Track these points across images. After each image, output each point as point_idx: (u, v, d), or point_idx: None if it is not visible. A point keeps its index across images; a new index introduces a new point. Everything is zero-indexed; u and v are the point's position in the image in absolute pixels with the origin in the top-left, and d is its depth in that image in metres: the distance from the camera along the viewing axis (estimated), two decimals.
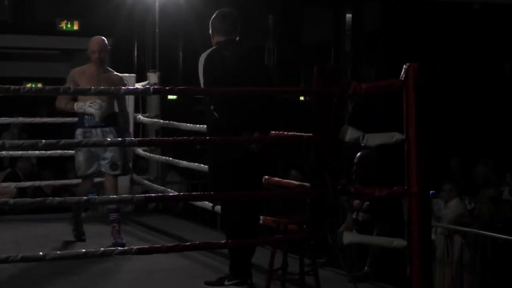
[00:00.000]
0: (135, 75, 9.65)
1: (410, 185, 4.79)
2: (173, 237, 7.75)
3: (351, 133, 5.07)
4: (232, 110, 5.45)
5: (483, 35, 18.49)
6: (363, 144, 5.12)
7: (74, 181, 9.46)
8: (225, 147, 5.53)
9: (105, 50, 7.04)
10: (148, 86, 8.56)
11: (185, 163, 8.27)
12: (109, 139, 6.56)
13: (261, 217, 6.10)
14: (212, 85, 5.43)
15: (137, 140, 6.49)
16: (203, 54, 5.63)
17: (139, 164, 10.45)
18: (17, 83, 9.25)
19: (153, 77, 9.56)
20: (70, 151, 8.38)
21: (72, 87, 5.01)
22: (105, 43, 7.06)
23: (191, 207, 9.50)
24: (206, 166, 6.30)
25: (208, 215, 8.84)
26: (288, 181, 6.82)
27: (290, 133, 6.07)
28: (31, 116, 8.88)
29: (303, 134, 5.66)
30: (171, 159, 8.86)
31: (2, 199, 5.15)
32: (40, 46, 15.60)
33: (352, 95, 5.11)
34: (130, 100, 9.08)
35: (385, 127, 5.23)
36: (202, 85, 5.54)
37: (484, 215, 9.17)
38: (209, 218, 9.05)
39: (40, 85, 13.58)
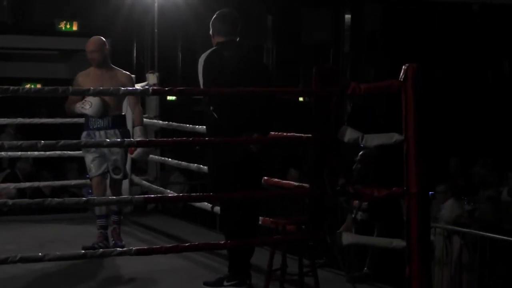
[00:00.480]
0: (134, 75, 9.62)
1: (409, 185, 4.79)
2: (172, 238, 7.74)
3: (350, 134, 5.07)
4: (231, 111, 5.45)
5: (482, 35, 18.50)
6: (362, 145, 5.12)
7: (73, 181, 9.48)
8: (224, 147, 5.53)
9: (101, 49, 6.99)
10: (147, 87, 8.57)
11: (184, 164, 8.27)
12: (108, 140, 6.55)
13: (260, 217, 6.10)
14: (211, 86, 5.43)
15: (136, 141, 6.48)
16: (202, 54, 5.63)
17: (138, 165, 10.45)
18: (16, 83, 9.24)
19: (152, 77, 9.56)
20: (69, 152, 8.38)
21: (71, 88, 5.00)
22: (100, 43, 7.01)
23: (190, 208, 9.50)
24: (206, 167, 6.30)
25: (207, 216, 8.83)
26: (287, 181, 6.81)
27: (289, 134, 6.07)
28: (28, 116, 8.86)
29: (302, 135, 5.66)
30: (170, 159, 8.86)
31: (1, 200, 5.15)
32: (39, 47, 15.60)
33: (351, 95, 5.11)
34: None
35: (384, 128, 5.23)
36: (201, 85, 5.53)
37: (485, 215, 9.17)
38: (208, 219, 9.05)
39: (39, 86, 13.60)
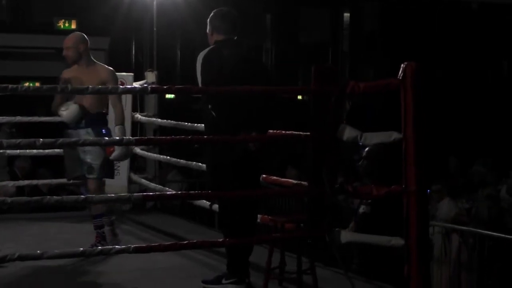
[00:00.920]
0: (133, 74, 9.64)
1: (408, 183, 4.79)
2: (170, 235, 7.75)
3: (349, 132, 5.07)
4: (230, 109, 5.44)
5: (481, 34, 18.51)
6: (360, 143, 5.12)
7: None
8: (223, 146, 5.53)
9: (75, 46, 6.89)
10: (146, 85, 8.57)
11: (183, 162, 8.27)
12: (106, 139, 6.54)
13: (259, 215, 6.10)
14: (210, 84, 5.43)
15: (135, 139, 6.48)
16: (201, 52, 5.62)
17: (136, 163, 10.45)
18: (15, 82, 9.23)
19: (151, 76, 9.56)
20: None
21: (69, 87, 5.00)
22: (74, 40, 6.91)
23: (188, 206, 9.50)
24: (204, 165, 6.30)
25: (206, 214, 8.84)
26: (286, 179, 6.81)
27: (287, 132, 6.07)
28: (27, 115, 8.85)
29: (301, 133, 5.66)
30: (169, 158, 8.86)
31: (0, 198, 5.15)
32: (38, 45, 15.58)
33: (350, 94, 5.11)
34: (128, 99, 9.08)
35: (383, 126, 5.23)
36: (200, 84, 5.53)
37: (482, 214, 9.17)
38: (206, 217, 9.05)
39: (38, 84, 13.59)
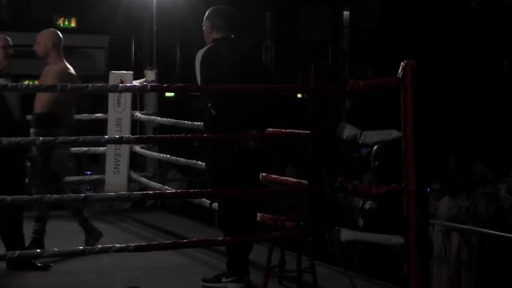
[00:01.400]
0: (132, 72, 9.64)
1: (408, 182, 4.79)
2: (170, 234, 7.75)
3: (348, 130, 5.07)
4: (229, 108, 5.44)
5: (481, 33, 18.51)
6: (360, 141, 5.12)
7: (72, 178, 9.47)
8: (223, 144, 5.53)
9: (43, 42, 6.80)
10: (145, 83, 8.57)
11: (183, 160, 8.27)
12: (106, 137, 6.54)
13: (258, 214, 6.10)
14: (209, 83, 5.42)
15: (135, 138, 6.47)
16: (200, 51, 5.61)
17: (136, 161, 10.45)
18: (14, 80, 9.22)
19: (150, 74, 9.56)
20: None
21: (69, 85, 5.00)
22: (44, 36, 6.80)
23: (188, 204, 9.50)
24: (204, 164, 6.30)
25: (206, 212, 8.85)
26: (286, 178, 6.81)
27: (287, 130, 6.07)
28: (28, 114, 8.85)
29: (301, 131, 5.66)
30: (168, 156, 8.86)
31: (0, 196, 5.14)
32: None
33: (350, 92, 5.11)
34: (127, 98, 9.08)
35: (383, 125, 5.23)
36: (199, 82, 5.52)
37: (480, 212, 9.16)
38: (206, 215, 9.05)
39: (37, 82, 13.58)
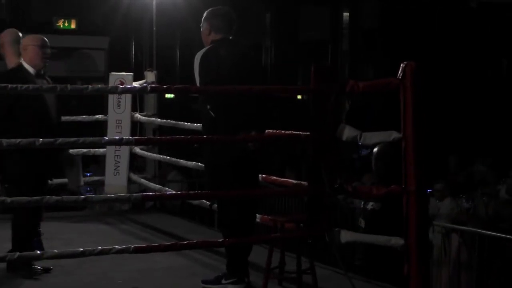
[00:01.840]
0: (132, 73, 9.64)
1: (408, 183, 4.79)
2: (170, 235, 7.74)
3: (348, 132, 5.07)
4: (229, 110, 5.44)
5: (481, 33, 18.51)
6: (360, 143, 5.12)
7: None
8: (222, 146, 5.52)
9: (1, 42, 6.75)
10: (145, 85, 8.57)
11: (183, 162, 8.27)
12: (106, 138, 6.53)
13: (258, 215, 6.10)
14: (208, 84, 5.42)
15: (134, 139, 6.48)
16: (198, 52, 5.61)
17: (136, 163, 10.45)
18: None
19: (150, 75, 9.56)
20: None
21: (69, 86, 5.00)
22: (2, 35, 6.75)
23: (188, 206, 9.50)
24: (203, 165, 6.30)
25: (206, 214, 8.84)
26: (286, 179, 6.81)
27: (287, 132, 6.07)
28: None
29: (301, 133, 5.65)
30: (168, 157, 8.86)
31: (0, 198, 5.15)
32: None
33: (350, 93, 5.11)
34: (127, 99, 9.08)
35: (383, 126, 5.23)
36: (198, 84, 5.52)
37: (481, 213, 9.17)
38: (206, 216, 9.05)
39: None
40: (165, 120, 8.81)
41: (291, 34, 18.82)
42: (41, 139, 4.67)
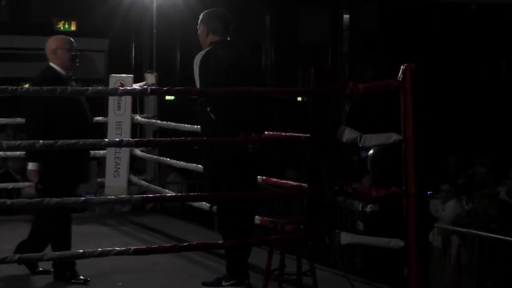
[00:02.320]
0: (132, 75, 9.64)
1: (408, 185, 4.79)
2: (170, 237, 7.74)
3: (348, 133, 5.07)
4: (228, 112, 5.44)
5: (480, 35, 18.52)
6: (360, 145, 5.12)
7: None
8: (222, 147, 5.53)
9: None
10: (145, 87, 8.56)
11: (183, 163, 8.27)
12: (106, 140, 6.54)
13: (258, 217, 6.10)
14: (208, 86, 5.42)
15: (134, 141, 6.48)
16: (197, 55, 5.61)
17: (136, 164, 10.45)
18: (14, 83, 9.25)
19: (150, 77, 9.56)
20: None
21: (69, 88, 5.00)
22: None
23: (188, 208, 9.50)
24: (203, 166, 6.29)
25: (206, 216, 8.84)
26: (285, 181, 6.81)
27: (287, 134, 6.07)
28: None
29: (301, 135, 5.66)
30: (168, 159, 8.86)
31: (0, 200, 5.15)
32: (37, 47, 15.56)
33: (350, 95, 5.11)
34: (127, 101, 9.08)
35: (381, 128, 5.24)
36: (197, 86, 5.52)
37: (481, 215, 9.16)
38: (206, 218, 9.05)
39: None
40: (165, 122, 8.81)
41: (291, 36, 18.83)
42: (40, 141, 4.67)
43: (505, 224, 8.69)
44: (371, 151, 7.13)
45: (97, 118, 9.30)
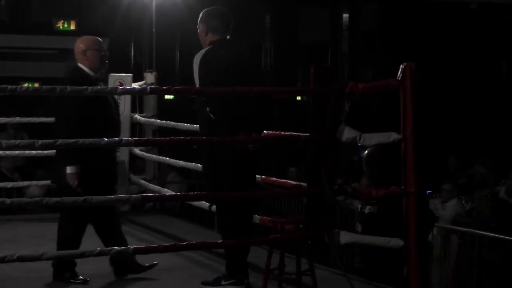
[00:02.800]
0: (132, 74, 9.63)
1: (407, 185, 4.78)
2: (170, 236, 7.74)
3: (348, 133, 5.07)
4: (228, 111, 5.43)
5: (480, 34, 18.52)
6: (360, 144, 5.12)
7: None
8: (222, 147, 5.52)
9: None
10: (145, 86, 8.56)
11: (182, 163, 8.26)
12: (105, 139, 6.52)
13: (258, 217, 6.09)
14: (208, 86, 5.41)
15: (134, 140, 6.47)
16: (197, 54, 5.60)
17: (136, 164, 10.44)
18: (14, 83, 9.23)
19: (150, 77, 9.55)
20: None
21: (68, 88, 4.99)
22: None
23: (188, 207, 9.49)
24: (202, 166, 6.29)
25: (205, 215, 8.84)
26: (285, 180, 6.81)
27: (287, 133, 6.06)
28: (27, 116, 8.84)
29: (300, 134, 5.65)
30: (168, 159, 8.86)
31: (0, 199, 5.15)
32: (37, 46, 15.61)
33: (349, 94, 5.11)
34: (127, 100, 9.08)
35: (380, 127, 5.23)
36: (197, 85, 5.51)
37: (481, 214, 9.16)
38: (206, 217, 9.05)
39: (37, 85, 13.59)
40: (164, 121, 8.80)
41: (290, 35, 18.83)
42: (39, 140, 4.66)
43: (504, 223, 8.70)
44: (366, 152, 7.14)
45: None
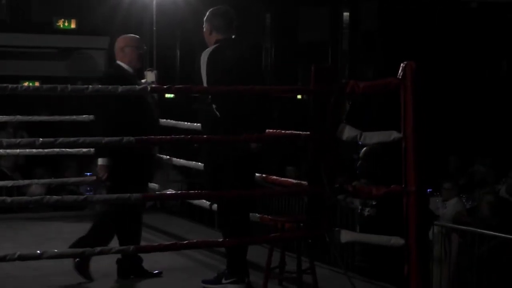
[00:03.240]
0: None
1: (408, 183, 4.79)
2: (170, 235, 7.74)
3: (348, 132, 5.07)
4: (234, 111, 5.45)
5: (480, 33, 18.51)
6: (360, 143, 5.12)
7: (71, 179, 9.47)
8: (224, 146, 5.53)
9: None
10: (145, 85, 8.56)
11: (183, 161, 8.27)
12: (106, 138, 6.52)
13: (258, 215, 6.10)
14: (215, 84, 5.43)
15: (135, 139, 6.46)
16: (204, 51, 5.62)
17: None
18: (14, 81, 9.23)
19: (150, 75, 9.52)
20: (68, 149, 8.38)
21: (69, 86, 4.99)
22: None
23: (188, 206, 9.50)
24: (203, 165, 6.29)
25: (206, 214, 8.84)
26: (286, 179, 6.81)
27: (287, 132, 6.07)
28: (29, 115, 8.85)
29: (301, 133, 5.66)
30: (168, 157, 8.86)
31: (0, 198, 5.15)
32: (38, 45, 15.60)
33: (350, 93, 5.11)
34: None
35: (381, 126, 5.23)
36: (204, 83, 5.53)
37: (483, 213, 9.16)
38: (206, 216, 9.05)
39: (37, 84, 13.59)
40: (165, 120, 8.80)
41: (290, 35, 18.82)
42: (40, 139, 4.67)
43: (505, 221, 8.70)
44: (362, 150, 7.17)
45: None
